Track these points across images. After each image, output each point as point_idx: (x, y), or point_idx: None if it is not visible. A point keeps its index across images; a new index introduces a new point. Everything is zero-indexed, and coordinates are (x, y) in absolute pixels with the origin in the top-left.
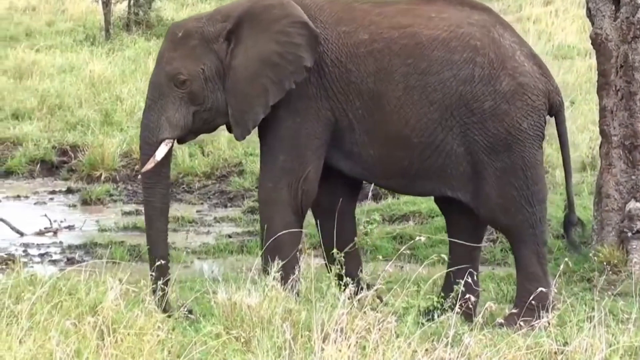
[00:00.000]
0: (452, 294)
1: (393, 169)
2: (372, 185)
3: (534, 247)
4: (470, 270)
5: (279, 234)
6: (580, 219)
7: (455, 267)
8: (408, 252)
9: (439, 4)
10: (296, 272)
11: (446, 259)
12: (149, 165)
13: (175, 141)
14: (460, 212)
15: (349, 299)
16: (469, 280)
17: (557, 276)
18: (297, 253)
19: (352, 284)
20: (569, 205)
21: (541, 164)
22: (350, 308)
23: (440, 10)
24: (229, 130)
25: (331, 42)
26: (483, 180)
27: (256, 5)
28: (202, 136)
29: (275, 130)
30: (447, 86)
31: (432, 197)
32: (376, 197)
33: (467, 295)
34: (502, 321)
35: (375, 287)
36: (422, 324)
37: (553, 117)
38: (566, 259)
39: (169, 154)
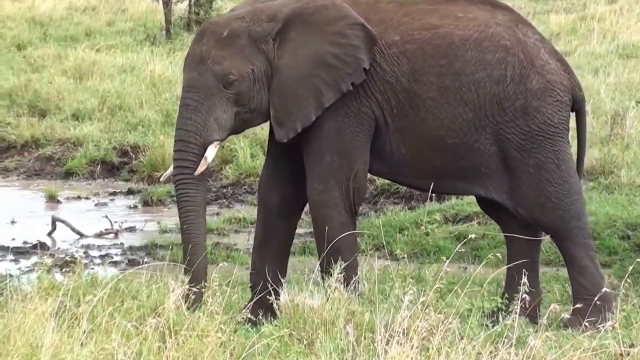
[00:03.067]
0: (516, 295)
1: (423, 169)
2: None
3: (580, 240)
4: (532, 270)
5: (337, 235)
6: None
7: (515, 266)
8: (471, 252)
9: (462, 4)
10: (358, 273)
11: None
12: (202, 167)
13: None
14: (508, 215)
15: (411, 302)
16: (533, 281)
17: (625, 277)
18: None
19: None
20: None
21: (572, 157)
22: (413, 310)
23: (466, 10)
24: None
25: None
26: (518, 179)
27: (307, 6)
28: (264, 136)
29: (318, 131)
30: (482, 86)
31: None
32: (439, 198)
33: (530, 297)
34: (568, 317)
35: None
36: (486, 325)
37: (575, 112)
38: (638, 259)
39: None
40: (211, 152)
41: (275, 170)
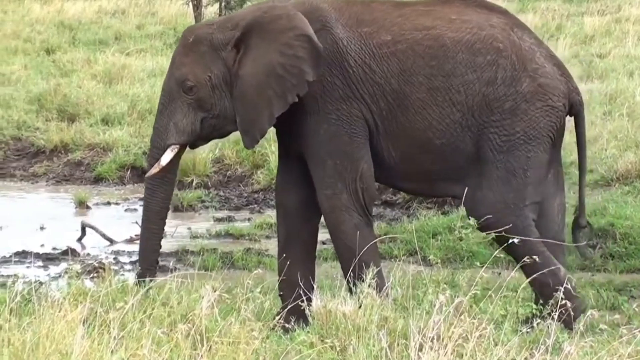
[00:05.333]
0: (552, 301)
1: (414, 171)
2: None
3: (526, 242)
4: (569, 276)
5: (352, 238)
6: (589, 222)
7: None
8: (505, 257)
9: (457, 6)
10: (381, 271)
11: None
12: (154, 170)
13: (188, 146)
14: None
15: (444, 306)
16: (568, 286)
17: None
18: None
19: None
20: (580, 208)
21: (545, 166)
22: (447, 315)
23: (461, 12)
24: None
25: (354, 43)
26: (483, 181)
27: (265, 15)
28: None
29: (315, 137)
30: (471, 88)
31: None
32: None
33: (566, 302)
34: None
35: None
36: (521, 331)
37: (573, 117)
38: None
39: (175, 160)
40: (166, 156)
41: (289, 173)
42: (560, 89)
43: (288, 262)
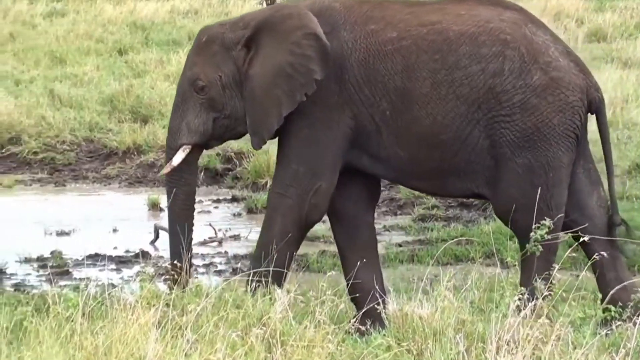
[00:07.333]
0: (632, 304)
1: (424, 169)
2: None
3: (545, 253)
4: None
5: (272, 241)
6: (623, 219)
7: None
8: (583, 259)
9: (470, 3)
10: (281, 282)
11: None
12: (166, 169)
13: (202, 147)
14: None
15: (521, 308)
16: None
17: None
18: (287, 263)
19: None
20: (612, 206)
21: (566, 167)
22: (524, 318)
23: (471, 8)
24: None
25: (359, 41)
26: (504, 176)
27: (276, 14)
28: None
29: (292, 138)
30: (475, 80)
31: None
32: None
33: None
34: None
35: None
36: (600, 334)
37: (594, 114)
38: None
39: (192, 160)
40: (178, 156)
41: None
42: (575, 84)
43: (352, 266)
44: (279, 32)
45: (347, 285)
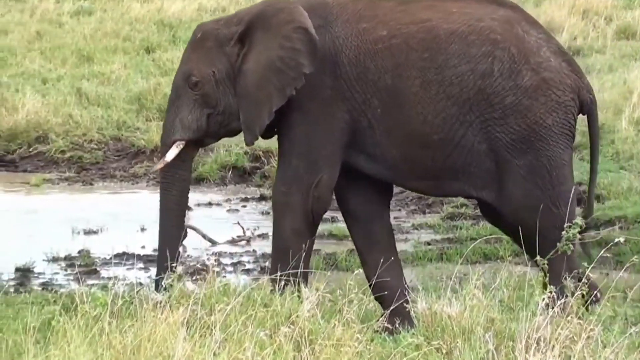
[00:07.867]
0: None
1: (417, 169)
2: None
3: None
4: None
5: (285, 240)
6: (596, 223)
7: None
8: (613, 258)
9: (465, 1)
10: (304, 282)
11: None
12: (158, 165)
13: (198, 144)
14: None
15: (549, 307)
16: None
17: None
18: (303, 260)
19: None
20: (588, 207)
21: (568, 164)
22: (554, 317)
23: (464, 6)
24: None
25: (351, 40)
26: (507, 179)
27: (267, 8)
28: None
29: (289, 134)
30: (465, 80)
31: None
32: (579, 202)
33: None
34: None
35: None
36: (630, 333)
37: (585, 116)
38: None
39: (187, 157)
40: (171, 152)
41: (340, 177)
42: (566, 84)
43: (374, 266)
44: (271, 26)
45: (370, 285)
